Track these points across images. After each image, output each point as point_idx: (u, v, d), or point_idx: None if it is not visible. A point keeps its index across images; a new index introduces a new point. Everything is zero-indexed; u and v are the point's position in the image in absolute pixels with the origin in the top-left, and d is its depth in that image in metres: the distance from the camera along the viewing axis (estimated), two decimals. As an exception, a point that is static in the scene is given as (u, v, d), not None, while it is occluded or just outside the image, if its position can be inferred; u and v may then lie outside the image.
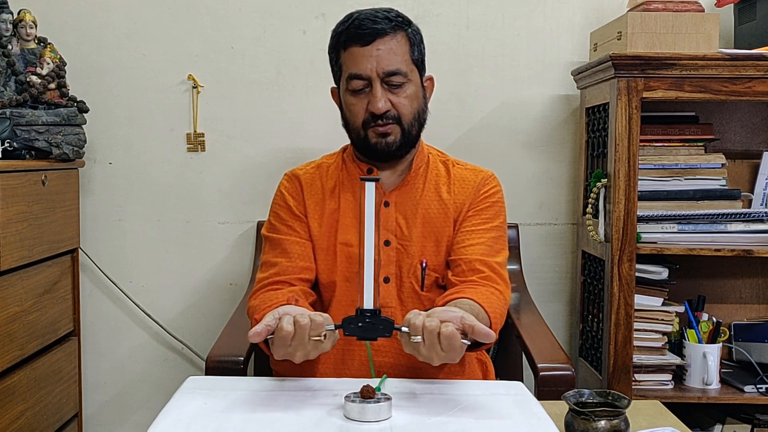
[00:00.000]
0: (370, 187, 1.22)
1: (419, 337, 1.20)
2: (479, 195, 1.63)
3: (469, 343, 1.24)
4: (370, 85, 1.54)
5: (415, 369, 1.54)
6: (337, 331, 1.25)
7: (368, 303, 1.21)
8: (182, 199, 2.45)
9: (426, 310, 1.29)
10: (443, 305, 1.44)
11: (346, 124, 1.62)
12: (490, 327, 1.41)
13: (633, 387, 2.04)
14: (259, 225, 2.39)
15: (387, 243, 1.58)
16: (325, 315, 1.26)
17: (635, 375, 2.07)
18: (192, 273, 2.47)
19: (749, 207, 2.21)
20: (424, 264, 1.57)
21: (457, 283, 1.53)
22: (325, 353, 1.56)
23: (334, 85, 1.65)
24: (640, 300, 2.08)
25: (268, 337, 1.25)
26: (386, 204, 1.60)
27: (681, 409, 1.74)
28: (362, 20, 1.54)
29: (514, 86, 2.42)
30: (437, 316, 1.22)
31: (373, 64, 1.52)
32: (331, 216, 1.61)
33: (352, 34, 1.54)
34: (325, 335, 1.23)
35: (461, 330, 1.23)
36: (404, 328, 1.23)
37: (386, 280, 1.58)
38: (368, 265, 1.21)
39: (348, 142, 1.67)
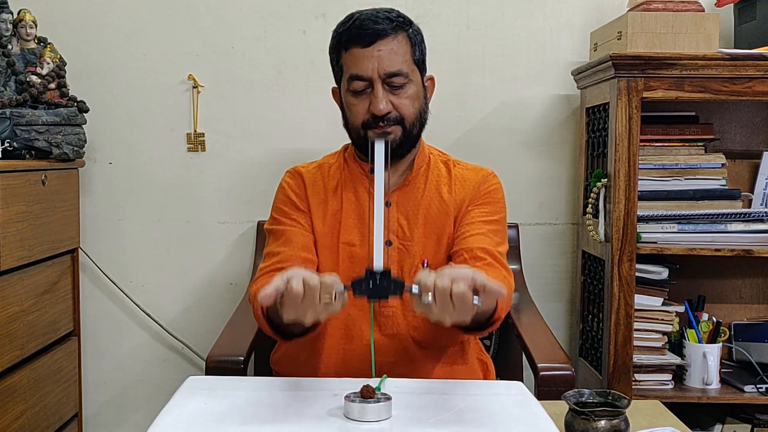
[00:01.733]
0: (379, 147, 1.21)
1: (430, 296, 1.19)
2: (480, 192, 1.63)
3: (480, 304, 1.23)
4: (372, 86, 1.53)
5: (416, 368, 1.54)
6: (346, 292, 1.23)
7: (378, 264, 1.20)
8: (182, 199, 2.45)
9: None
10: None
11: (347, 124, 1.62)
12: (497, 308, 1.41)
13: (633, 387, 2.04)
14: (260, 225, 2.39)
15: (389, 243, 1.59)
16: (334, 276, 1.23)
17: (635, 375, 2.07)
18: (192, 273, 2.47)
19: (749, 207, 2.21)
20: (425, 264, 1.57)
21: None
22: (326, 353, 1.57)
23: (335, 85, 1.65)
24: (640, 300, 2.08)
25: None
26: (388, 204, 1.60)
27: (681, 409, 1.74)
28: (363, 21, 1.54)
29: (514, 86, 2.42)
30: (448, 275, 1.20)
31: (374, 65, 1.52)
32: (333, 216, 1.61)
33: (353, 34, 1.54)
34: (335, 296, 1.21)
35: (473, 288, 1.21)
36: (414, 289, 1.21)
37: (388, 279, 1.57)
38: (377, 227, 1.20)
39: (348, 141, 1.67)
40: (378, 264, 1.20)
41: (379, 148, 1.21)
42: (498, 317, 1.44)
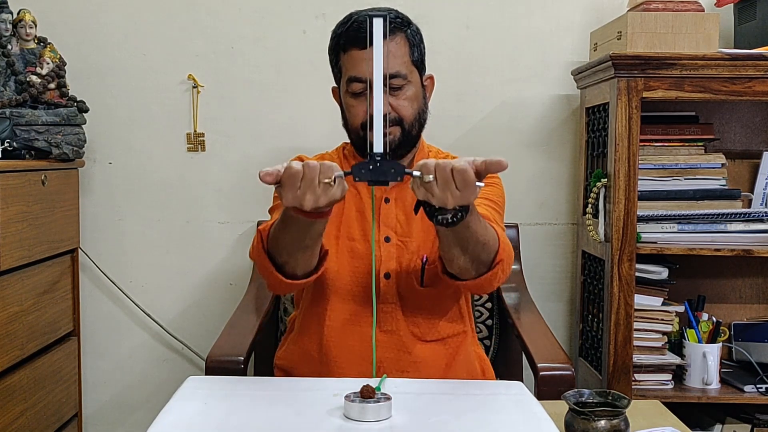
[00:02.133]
0: (378, 25, 1.20)
1: (431, 176, 1.19)
2: None
3: (483, 185, 1.22)
4: (370, 87, 1.53)
5: (417, 364, 1.54)
6: (345, 178, 1.22)
7: (378, 147, 1.19)
8: (182, 199, 2.45)
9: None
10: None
11: (346, 124, 1.62)
12: (498, 250, 1.39)
13: (633, 387, 2.04)
14: (260, 225, 2.39)
15: (387, 239, 1.59)
16: (334, 163, 1.24)
17: (635, 375, 2.07)
18: (192, 273, 2.47)
19: (749, 207, 2.21)
20: (425, 259, 1.57)
21: None
22: (326, 349, 1.56)
23: (335, 85, 1.65)
24: (640, 300, 2.08)
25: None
26: (386, 200, 1.61)
27: (681, 409, 1.75)
28: (361, 22, 1.53)
29: (514, 86, 2.42)
30: (449, 161, 1.21)
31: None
32: (336, 207, 1.60)
33: (351, 36, 1.54)
34: (334, 179, 1.21)
35: (474, 170, 1.21)
36: (416, 172, 1.20)
37: (387, 276, 1.57)
38: (377, 107, 1.19)
39: (346, 140, 1.67)
40: (378, 146, 1.18)
41: (378, 25, 1.20)
42: (500, 259, 1.41)
